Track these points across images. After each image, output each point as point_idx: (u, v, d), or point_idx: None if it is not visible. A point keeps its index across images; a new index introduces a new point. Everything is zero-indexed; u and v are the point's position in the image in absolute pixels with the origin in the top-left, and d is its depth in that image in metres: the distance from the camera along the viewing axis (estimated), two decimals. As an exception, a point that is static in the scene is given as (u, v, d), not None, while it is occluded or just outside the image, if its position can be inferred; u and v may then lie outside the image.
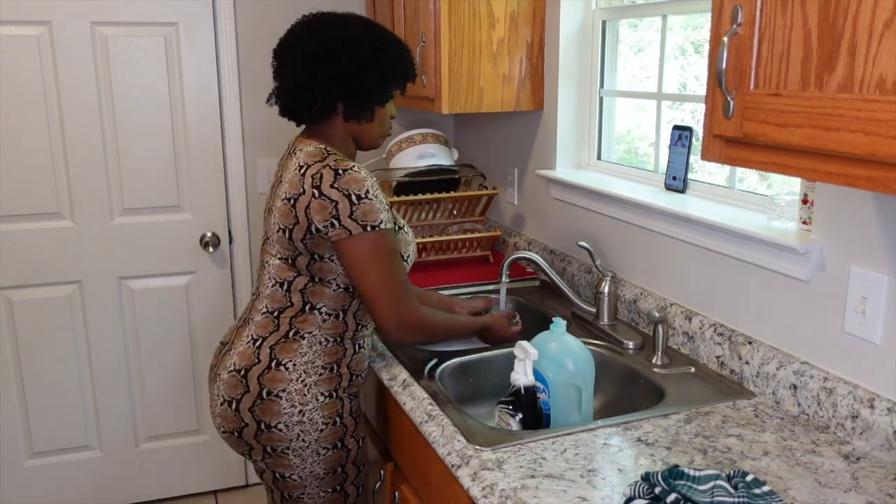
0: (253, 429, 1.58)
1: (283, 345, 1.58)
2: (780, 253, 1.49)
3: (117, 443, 2.93)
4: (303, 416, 1.57)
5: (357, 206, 1.47)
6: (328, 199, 1.47)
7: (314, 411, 1.57)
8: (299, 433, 1.57)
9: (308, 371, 1.57)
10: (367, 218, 1.48)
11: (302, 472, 1.60)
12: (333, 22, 1.58)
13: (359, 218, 1.47)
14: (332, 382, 1.59)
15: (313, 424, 1.57)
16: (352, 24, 1.58)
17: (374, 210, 1.49)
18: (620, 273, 1.99)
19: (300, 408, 1.56)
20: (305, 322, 1.59)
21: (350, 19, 1.60)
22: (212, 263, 2.91)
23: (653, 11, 2.04)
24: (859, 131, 0.89)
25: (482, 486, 1.20)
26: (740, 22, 1.05)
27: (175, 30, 2.71)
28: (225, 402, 1.60)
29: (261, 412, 1.57)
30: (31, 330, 2.75)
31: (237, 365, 1.60)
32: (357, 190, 1.48)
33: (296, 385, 1.56)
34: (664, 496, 1.09)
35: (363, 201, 1.48)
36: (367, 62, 1.55)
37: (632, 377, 1.69)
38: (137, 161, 2.75)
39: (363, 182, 1.49)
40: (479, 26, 2.22)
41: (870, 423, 1.29)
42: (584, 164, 2.33)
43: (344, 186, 1.48)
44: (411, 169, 2.48)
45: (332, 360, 1.60)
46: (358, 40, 1.55)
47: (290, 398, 1.56)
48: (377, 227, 1.49)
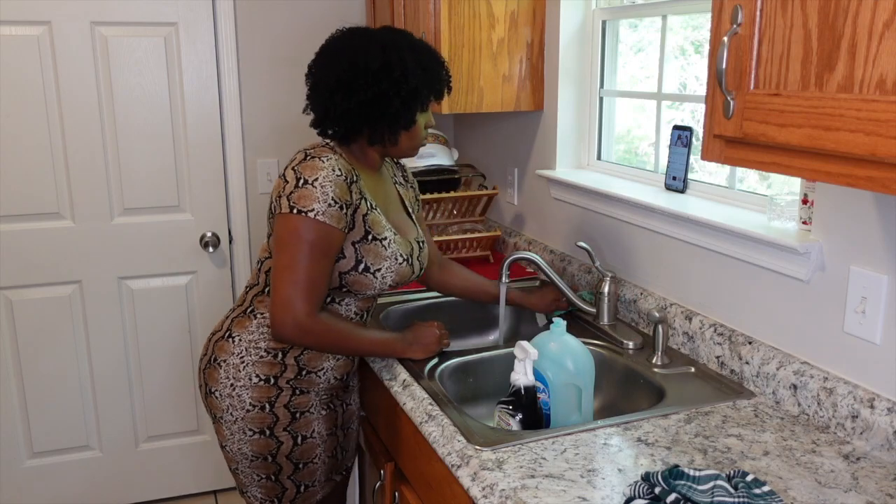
0: (204, 390, 1.69)
1: (240, 319, 1.66)
2: (780, 253, 1.49)
3: (117, 443, 2.93)
4: (233, 389, 1.62)
5: (299, 189, 1.48)
6: (283, 178, 1.52)
7: (244, 389, 1.62)
8: (228, 406, 1.63)
9: (249, 350, 1.62)
10: (299, 202, 1.47)
11: (231, 446, 1.66)
12: (355, 48, 1.55)
13: (292, 199, 1.48)
14: (272, 368, 1.62)
15: (240, 402, 1.62)
16: (372, 52, 1.53)
17: (310, 197, 1.47)
18: (620, 273, 1.99)
19: (232, 381, 1.62)
20: (262, 303, 1.64)
21: (373, 45, 1.55)
22: (212, 263, 2.91)
23: (653, 11, 2.04)
24: (859, 131, 0.88)
25: (482, 486, 1.20)
26: (740, 22, 1.05)
27: (175, 30, 2.71)
28: (199, 358, 1.74)
29: (207, 375, 1.67)
30: (31, 330, 2.75)
31: (213, 329, 1.74)
32: (308, 175, 1.48)
33: (234, 359, 1.63)
34: (664, 496, 1.09)
35: (306, 186, 1.47)
36: (386, 94, 1.53)
37: (632, 377, 1.69)
38: (137, 161, 2.75)
39: (318, 170, 1.49)
40: (479, 26, 2.22)
41: (870, 423, 1.29)
42: (584, 164, 2.33)
43: (300, 169, 1.50)
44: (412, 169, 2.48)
45: (277, 346, 1.62)
46: (375, 71, 1.52)
47: (227, 370, 1.63)
48: (303, 213, 1.47)
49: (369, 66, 1.52)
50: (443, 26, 2.18)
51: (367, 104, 1.54)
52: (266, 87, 2.87)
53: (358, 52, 1.54)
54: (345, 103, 1.54)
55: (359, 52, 1.54)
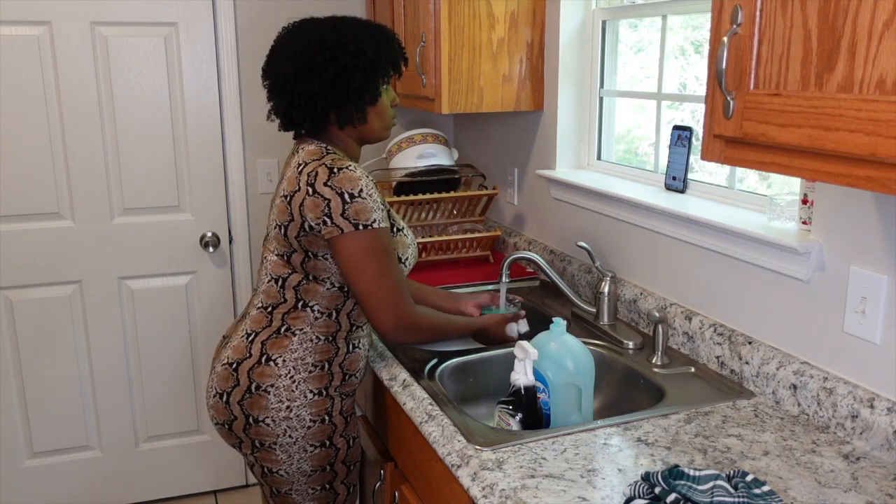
0: (242, 422, 1.60)
1: (275, 340, 1.60)
2: (780, 253, 1.49)
3: (117, 443, 2.93)
4: (290, 411, 1.57)
5: (350, 204, 1.47)
6: (321, 197, 1.48)
7: (302, 408, 1.58)
8: (286, 429, 1.58)
9: (297, 367, 1.58)
10: (360, 217, 1.48)
11: (289, 468, 1.61)
12: (306, 34, 1.57)
13: (350, 217, 1.47)
14: (322, 380, 1.60)
15: (300, 421, 1.58)
16: (325, 31, 1.56)
17: (366, 209, 1.48)
18: (620, 273, 1.99)
19: (287, 403, 1.57)
20: (297, 319, 1.60)
21: (324, 26, 1.57)
22: (212, 263, 2.91)
23: (653, 11, 2.04)
24: (859, 131, 0.89)
25: (482, 486, 1.20)
26: (740, 22, 1.05)
27: (175, 30, 2.71)
28: (217, 394, 1.63)
29: (249, 406, 1.58)
30: (31, 330, 2.75)
31: (230, 358, 1.63)
32: (350, 188, 1.48)
33: (284, 381, 1.57)
34: (664, 496, 1.09)
35: (356, 200, 1.48)
36: (346, 68, 1.53)
37: (632, 377, 1.69)
38: (137, 161, 2.75)
39: (357, 181, 1.49)
40: (479, 26, 2.22)
41: (870, 423, 1.29)
42: (584, 164, 2.33)
43: (337, 185, 1.48)
44: (411, 169, 2.48)
45: (323, 358, 1.60)
46: (332, 48, 1.53)
47: (279, 393, 1.57)
48: (369, 227, 1.48)
49: (325, 43, 1.53)
50: (443, 26, 2.18)
51: (331, 83, 1.53)
52: (266, 87, 2.86)
53: (310, 35, 1.55)
54: (308, 87, 1.53)
55: (311, 35, 1.55)
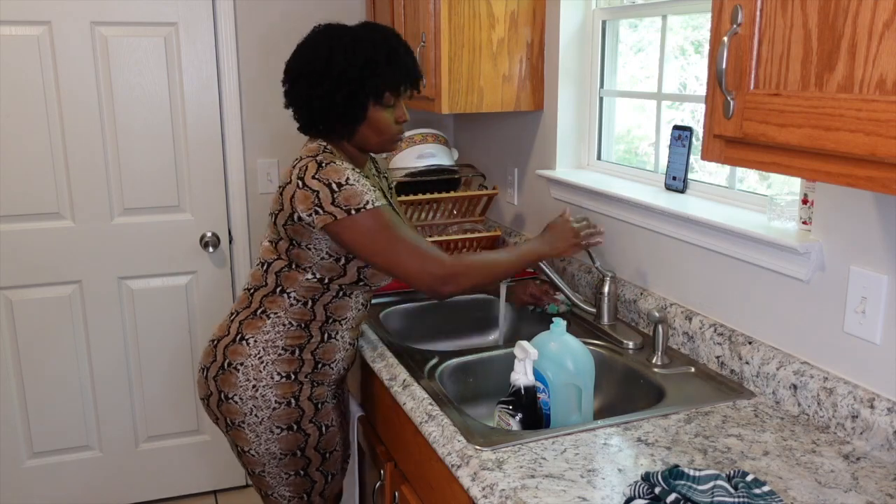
0: (216, 398, 1.67)
1: (251, 321, 1.66)
2: (780, 253, 1.49)
3: (117, 443, 2.93)
4: (256, 391, 1.63)
5: (338, 192, 1.51)
6: (310, 189, 1.53)
7: (267, 388, 1.63)
8: (252, 408, 1.64)
9: (267, 349, 1.64)
10: (351, 202, 1.51)
11: (258, 448, 1.67)
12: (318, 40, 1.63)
13: (341, 203, 1.51)
14: (291, 364, 1.65)
15: (266, 401, 1.64)
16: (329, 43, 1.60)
17: (356, 193, 1.52)
18: (620, 273, 1.99)
19: (254, 383, 1.63)
20: (273, 303, 1.65)
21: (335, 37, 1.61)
22: (212, 263, 2.91)
23: (653, 11, 2.04)
24: (859, 131, 0.88)
25: (482, 486, 1.20)
26: (740, 22, 1.05)
27: (175, 30, 2.71)
28: (200, 369, 1.72)
29: (221, 382, 1.66)
30: (31, 330, 2.75)
31: (214, 335, 1.72)
32: (336, 179, 1.52)
33: (253, 361, 1.63)
34: (664, 496, 1.09)
35: (344, 188, 1.52)
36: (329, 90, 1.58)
37: (632, 377, 1.69)
38: (137, 161, 2.75)
39: (342, 171, 1.53)
40: (479, 26, 2.22)
41: (870, 423, 1.29)
42: (584, 164, 2.33)
43: (324, 177, 1.53)
44: (411, 169, 2.48)
45: (293, 343, 1.65)
46: (320, 71, 1.58)
47: (247, 372, 1.63)
48: (362, 209, 1.52)
49: (319, 55, 1.59)
50: (443, 26, 2.18)
51: (317, 97, 1.59)
52: (266, 86, 2.87)
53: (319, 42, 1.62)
54: (299, 93, 1.63)
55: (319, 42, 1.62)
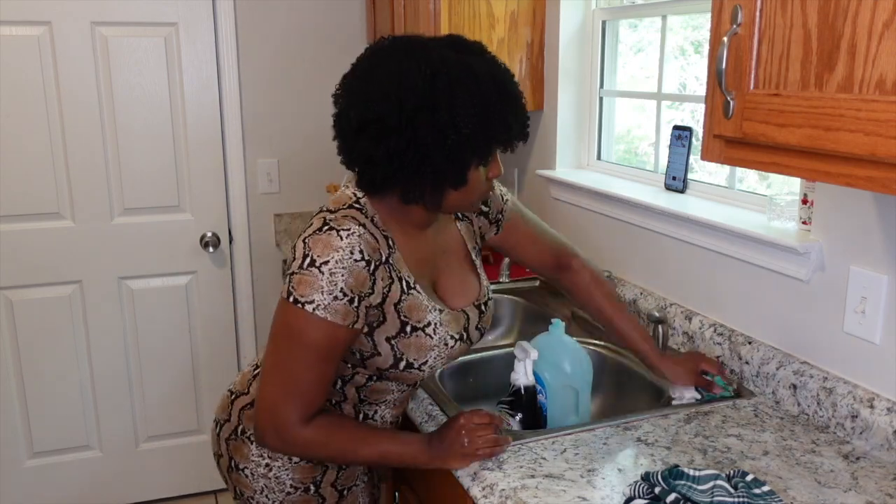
0: (226, 462, 1.42)
1: None
2: (780, 253, 1.49)
3: (117, 443, 2.93)
4: (269, 470, 1.37)
5: (304, 270, 1.16)
6: (294, 249, 1.20)
7: (282, 470, 1.36)
8: (263, 487, 1.38)
9: None
10: (299, 289, 1.16)
11: None
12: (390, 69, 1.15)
13: (295, 283, 1.16)
14: None
15: (279, 484, 1.37)
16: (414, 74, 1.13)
17: (310, 285, 1.15)
18: (620, 273, 1.99)
19: (268, 461, 1.36)
20: None
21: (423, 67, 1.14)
22: (212, 263, 2.91)
23: (653, 11, 2.04)
24: (859, 131, 0.89)
25: (482, 486, 1.20)
26: (740, 22, 1.05)
27: (175, 30, 2.71)
28: (215, 421, 1.47)
29: (233, 449, 1.40)
30: (31, 330, 2.75)
31: (234, 386, 1.46)
32: (317, 255, 1.16)
33: None
34: (664, 496, 1.09)
35: (311, 269, 1.15)
36: (426, 142, 1.13)
37: (632, 377, 1.69)
38: (137, 161, 2.75)
39: (332, 252, 1.15)
40: (479, 26, 2.22)
41: (869, 422, 1.29)
42: (584, 164, 2.33)
43: (311, 244, 1.17)
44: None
45: None
46: (414, 106, 1.12)
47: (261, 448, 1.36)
48: (300, 304, 1.15)
49: (405, 101, 1.12)
50: (443, 26, 2.18)
51: (399, 155, 1.14)
52: (266, 86, 2.87)
53: (391, 81, 1.14)
54: (369, 150, 1.16)
55: (391, 81, 1.14)
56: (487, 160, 1.22)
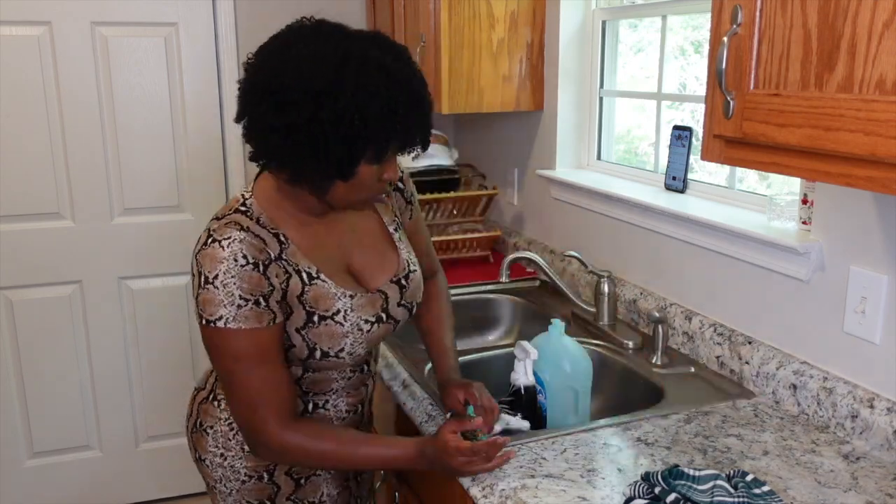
0: (193, 454, 1.48)
1: None
2: (780, 253, 1.49)
3: (117, 443, 2.93)
4: (224, 460, 1.40)
5: (202, 289, 1.20)
6: (193, 268, 1.24)
7: (236, 459, 1.39)
8: (221, 476, 1.41)
9: None
10: (206, 309, 1.20)
11: None
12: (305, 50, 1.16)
13: (200, 304, 1.21)
14: None
15: (234, 473, 1.40)
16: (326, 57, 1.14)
17: (212, 302, 1.18)
18: (620, 273, 1.99)
19: (223, 451, 1.40)
20: None
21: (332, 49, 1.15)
22: (212, 263, 2.91)
23: (653, 11, 2.04)
24: (859, 131, 0.89)
25: (482, 486, 1.20)
26: (740, 22, 1.05)
27: (175, 30, 2.71)
28: (186, 416, 1.52)
29: (195, 441, 1.45)
30: (31, 330, 2.75)
31: (198, 382, 1.51)
32: (207, 271, 1.19)
33: (222, 426, 1.39)
34: (664, 496, 1.09)
35: (206, 287, 1.19)
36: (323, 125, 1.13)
37: (631, 377, 1.69)
38: (138, 161, 2.75)
39: (217, 264, 1.18)
40: (479, 26, 2.22)
41: (869, 422, 1.29)
42: (584, 164, 2.33)
43: (200, 260, 1.21)
44: (411, 169, 2.48)
45: None
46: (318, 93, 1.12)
47: (216, 437, 1.40)
48: (212, 324, 1.19)
49: (313, 80, 1.13)
50: (443, 26, 2.18)
51: (295, 130, 1.14)
52: (266, 87, 2.87)
53: (305, 58, 1.15)
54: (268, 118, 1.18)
55: (305, 58, 1.15)
56: (382, 158, 1.21)
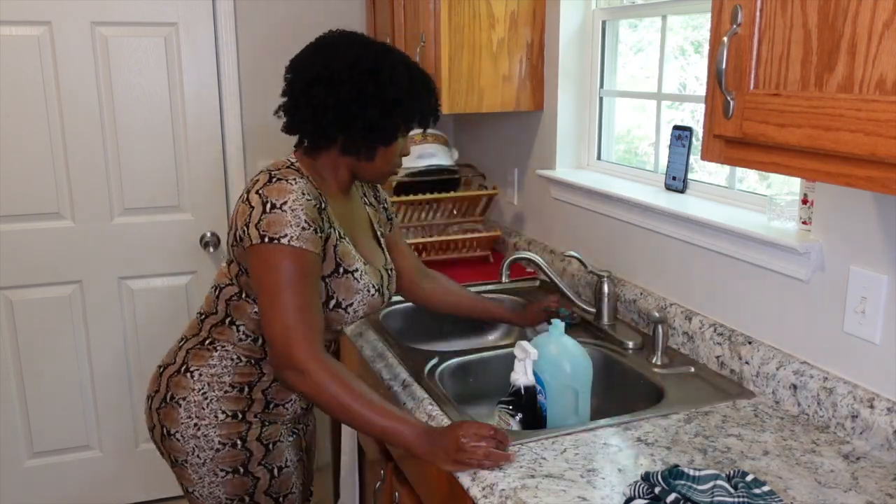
0: (159, 431, 1.53)
1: (197, 351, 1.52)
2: (780, 253, 1.49)
3: (117, 443, 2.93)
4: (198, 429, 1.48)
5: (267, 214, 1.33)
6: (248, 205, 1.37)
7: (210, 427, 1.47)
8: (194, 447, 1.48)
9: (213, 384, 1.48)
10: (270, 229, 1.32)
11: (201, 490, 1.52)
12: (345, 46, 1.44)
13: (262, 227, 1.33)
14: (238, 403, 1.49)
15: (208, 441, 1.48)
16: (365, 49, 1.44)
17: (280, 222, 1.32)
18: (620, 273, 1.99)
19: (196, 421, 1.48)
20: (222, 334, 1.50)
21: (368, 48, 1.45)
22: (212, 263, 2.91)
23: (653, 11, 2.04)
24: (859, 131, 0.89)
25: (482, 486, 1.20)
26: (740, 22, 1.05)
27: (175, 30, 2.71)
28: (147, 396, 1.58)
29: (164, 415, 1.51)
30: (31, 330, 2.75)
31: (162, 361, 1.58)
32: (275, 199, 1.34)
33: (196, 396, 1.48)
34: (664, 496, 1.09)
35: (275, 211, 1.33)
36: (370, 95, 1.40)
37: (632, 377, 1.69)
38: (137, 161, 2.75)
39: (287, 193, 1.35)
40: (479, 26, 2.22)
41: (869, 422, 1.29)
42: (584, 164, 2.33)
43: (266, 193, 1.35)
44: (411, 169, 2.48)
45: (243, 380, 1.49)
46: (363, 69, 1.40)
47: (189, 408, 1.48)
48: (276, 241, 1.32)
49: (358, 64, 1.40)
50: (443, 26, 2.18)
51: (346, 104, 1.40)
52: (266, 86, 2.86)
53: (350, 48, 1.43)
54: (321, 98, 1.40)
55: (350, 49, 1.43)
56: (409, 128, 1.49)
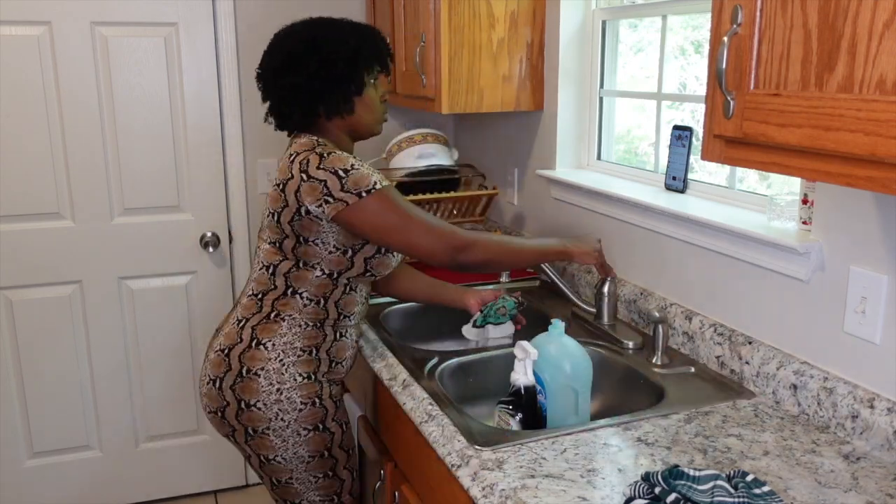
0: (234, 408, 1.63)
1: (265, 325, 1.63)
2: (780, 253, 1.49)
3: (117, 443, 2.93)
4: (280, 394, 1.61)
5: (346, 178, 1.53)
6: (317, 181, 1.53)
7: (292, 390, 1.61)
8: (278, 412, 1.61)
9: (287, 351, 1.62)
10: (360, 185, 1.53)
11: (285, 453, 1.64)
12: (292, 31, 1.66)
13: (351, 188, 1.52)
14: (310, 365, 1.64)
15: (291, 403, 1.61)
16: (309, 28, 1.64)
17: (363, 176, 1.54)
18: (621, 273, 1.99)
19: (278, 386, 1.61)
20: (286, 305, 1.63)
21: (310, 25, 1.66)
22: (212, 263, 2.91)
23: (653, 11, 2.04)
24: (859, 131, 0.89)
25: (482, 486, 1.20)
26: (740, 22, 1.05)
27: (175, 30, 2.71)
28: (210, 381, 1.67)
29: (241, 390, 1.62)
30: (31, 330, 2.75)
31: (222, 345, 1.67)
32: (342, 166, 1.54)
33: (274, 364, 1.61)
34: (664, 496, 1.09)
35: (350, 173, 1.53)
36: (328, 58, 1.59)
37: (632, 377, 1.69)
38: (137, 161, 2.75)
39: (346, 159, 1.55)
40: (479, 26, 2.22)
41: (870, 423, 1.29)
42: (584, 164, 2.33)
43: (329, 166, 1.54)
44: (411, 169, 2.48)
45: (310, 343, 1.64)
46: (313, 39, 1.61)
47: (269, 376, 1.60)
48: (372, 190, 1.53)
49: (307, 37, 1.61)
50: (443, 26, 2.18)
51: (314, 73, 1.59)
52: (266, 87, 2.87)
53: (295, 32, 1.65)
54: (292, 79, 1.60)
55: (296, 31, 1.65)
56: (375, 75, 1.67)
